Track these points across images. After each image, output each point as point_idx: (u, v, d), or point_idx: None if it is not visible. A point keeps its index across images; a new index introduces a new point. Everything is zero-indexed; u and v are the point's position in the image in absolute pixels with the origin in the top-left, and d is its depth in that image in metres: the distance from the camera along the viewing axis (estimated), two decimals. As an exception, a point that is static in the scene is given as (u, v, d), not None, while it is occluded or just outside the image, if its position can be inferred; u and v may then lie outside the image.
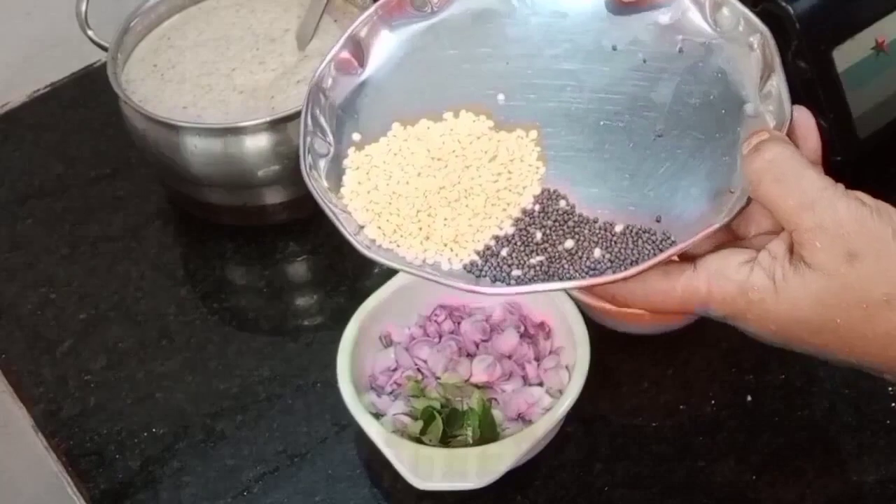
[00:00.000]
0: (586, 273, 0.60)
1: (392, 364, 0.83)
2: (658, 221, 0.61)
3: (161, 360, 0.89)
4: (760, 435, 0.79)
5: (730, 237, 0.61)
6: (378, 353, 0.83)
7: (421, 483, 0.75)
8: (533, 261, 0.60)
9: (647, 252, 0.60)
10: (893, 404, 0.80)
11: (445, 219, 0.61)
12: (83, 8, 0.94)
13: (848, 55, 0.86)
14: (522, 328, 0.83)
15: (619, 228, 0.61)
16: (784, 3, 0.84)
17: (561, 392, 0.79)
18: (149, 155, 0.94)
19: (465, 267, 0.61)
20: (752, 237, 0.61)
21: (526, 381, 0.82)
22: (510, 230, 0.61)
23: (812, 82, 0.86)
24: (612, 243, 0.60)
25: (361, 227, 0.62)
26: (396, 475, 0.76)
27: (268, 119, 0.89)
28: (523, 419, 0.80)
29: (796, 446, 0.79)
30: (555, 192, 0.62)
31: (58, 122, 1.05)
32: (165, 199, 0.99)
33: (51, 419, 0.86)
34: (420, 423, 0.79)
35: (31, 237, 0.98)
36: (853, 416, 0.80)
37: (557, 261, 0.60)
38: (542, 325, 0.84)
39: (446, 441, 0.78)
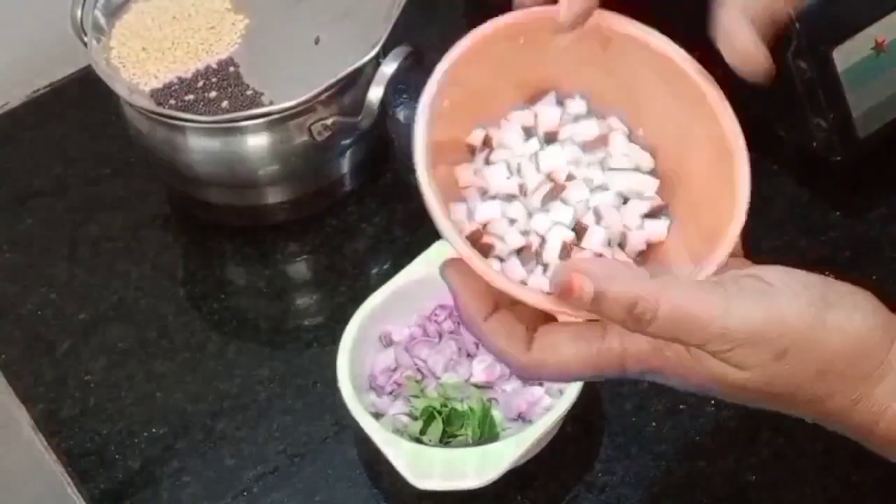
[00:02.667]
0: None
1: (392, 364, 0.83)
2: None
3: (161, 360, 0.89)
4: (760, 435, 0.79)
5: None
6: (378, 353, 0.83)
7: (421, 483, 0.75)
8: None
9: None
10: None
11: None
12: (79, 14, 0.93)
13: (848, 55, 0.86)
14: (522, 328, 0.83)
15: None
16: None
17: (561, 392, 0.79)
18: (150, 155, 0.94)
19: None
20: None
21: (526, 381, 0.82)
22: None
23: (812, 82, 0.86)
24: None
25: None
26: (396, 475, 0.76)
27: (269, 118, 0.89)
28: (523, 419, 0.80)
29: (796, 446, 0.79)
30: None
31: (58, 122, 1.05)
32: (165, 199, 0.99)
33: (51, 419, 0.86)
34: (420, 423, 0.79)
35: (31, 237, 0.98)
36: (853, 416, 0.80)
37: None
38: (542, 325, 0.83)
39: (446, 441, 0.78)
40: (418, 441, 0.78)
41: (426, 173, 0.56)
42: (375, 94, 0.91)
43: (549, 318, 0.57)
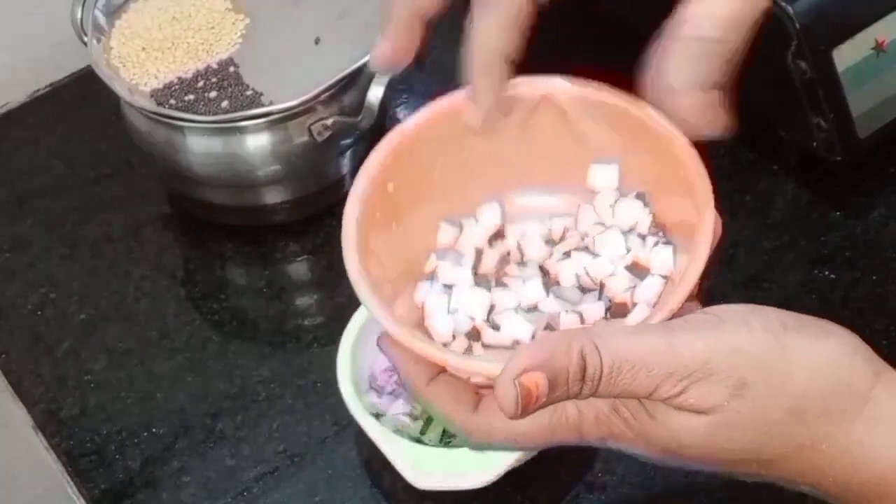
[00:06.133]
0: None
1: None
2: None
3: (161, 360, 0.89)
4: (760, 435, 0.79)
5: None
6: (378, 353, 0.83)
7: (421, 483, 0.75)
8: None
9: None
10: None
11: None
12: (79, 14, 0.93)
13: (848, 55, 0.86)
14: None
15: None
16: (784, 3, 0.84)
17: (561, 392, 0.79)
18: (150, 155, 0.94)
19: None
20: None
21: (526, 381, 0.82)
22: None
23: (812, 82, 0.86)
24: None
25: None
26: (396, 475, 0.76)
27: (269, 118, 0.89)
28: (523, 419, 0.80)
29: (796, 446, 0.79)
30: None
31: (58, 122, 1.05)
32: (165, 199, 0.99)
33: (51, 419, 0.86)
34: (420, 423, 0.79)
35: (31, 237, 0.98)
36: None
37: None
38: (542, 325, 0.83)
39: (446, 441, 0.78)
40: (418, 441, 0.78)
41: (355, 255, 0.57)
42: (375, 94, 0.91)
43: None
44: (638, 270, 0.57)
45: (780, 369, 0.48)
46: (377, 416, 0.79)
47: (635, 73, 0.57)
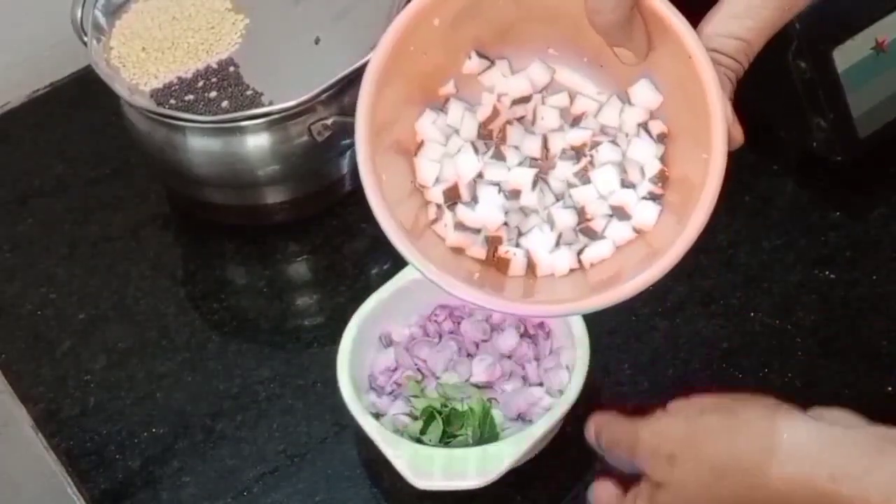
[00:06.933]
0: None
1: (392, 364, 0.83)
2: None
3: (161, 360, 0.89)
4: (760, 435, 0.79)
5: None
6: (378, 353, 0.83)
7: (421, 483, 0.75)
8: None
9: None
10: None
11: None
12: (79, 14, 0.94)
13: (848, 55, 0.86)
14: (522, 328, 0.83)
15: None
16: (784, 3, 0.84)
17: (561, 392, 0.79)
18: (150, 155, 0.94)
19: None
20: None
21: (526, 381, 0.82)
22: None
23: (812, 82, 0.86)
24: None
25: None
26: (396, 475, 0.76)
27: (269, 118, 0.89)
28: (523, 419, 0.80)
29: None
30: None
31: (58, 122, 1.05)
32: (165, 199, 0.99)
33: (51, 419, 0.86)
34: (420, 423, 0.79)
35: (31, 237, 0.98)
36: (853, 416, 0.80)
37: None
38: (542, 325, 0.84)
39: (446, 441, 0.78)
40: (418, 441, 0.78)
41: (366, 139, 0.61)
42: (375, 94, 0.91)
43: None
44: (619, 211, 0.60)
45: (697, 443, 0.66)
46: (377, 416, 0.79)
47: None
